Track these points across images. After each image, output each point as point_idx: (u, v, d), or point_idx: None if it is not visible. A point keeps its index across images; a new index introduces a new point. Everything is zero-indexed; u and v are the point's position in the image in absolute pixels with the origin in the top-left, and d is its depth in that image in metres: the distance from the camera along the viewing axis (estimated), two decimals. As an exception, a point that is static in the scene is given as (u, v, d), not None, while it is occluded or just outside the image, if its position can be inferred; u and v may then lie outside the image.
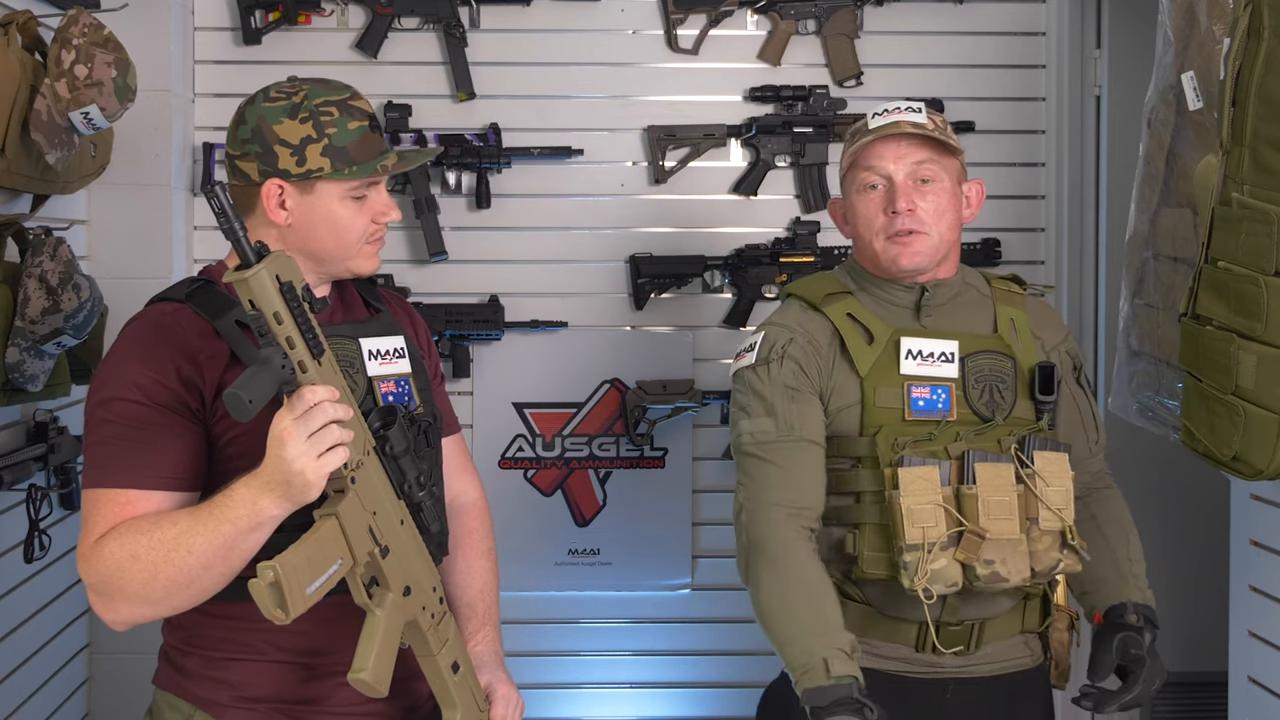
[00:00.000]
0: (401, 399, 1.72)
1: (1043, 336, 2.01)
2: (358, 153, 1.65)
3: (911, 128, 1.91)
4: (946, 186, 1.93)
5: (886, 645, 1.92)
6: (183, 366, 1.58)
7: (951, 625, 1.90)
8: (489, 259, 3.19)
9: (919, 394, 1.89)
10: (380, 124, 1.72)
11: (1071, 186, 3.21)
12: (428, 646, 1.62)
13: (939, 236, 1.92)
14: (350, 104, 1.67)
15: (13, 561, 2.50)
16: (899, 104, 1.95)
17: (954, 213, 1.94)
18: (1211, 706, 2.90)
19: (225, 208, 1.35)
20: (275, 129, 1.63)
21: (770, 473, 1.89)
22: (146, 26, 2.88)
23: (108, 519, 1.53)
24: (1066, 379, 2.02)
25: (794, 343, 1.94)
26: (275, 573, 1.38)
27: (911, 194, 1.90)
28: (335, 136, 1.63)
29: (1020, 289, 2.06)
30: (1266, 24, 1.76)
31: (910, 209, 1.90)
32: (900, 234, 1.90)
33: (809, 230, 3.17)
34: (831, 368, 1.93)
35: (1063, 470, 1.87)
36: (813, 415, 1.92)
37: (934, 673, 1.93)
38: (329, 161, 1.63)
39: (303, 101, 1.64)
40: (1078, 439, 2.02)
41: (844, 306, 1.96)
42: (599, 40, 3.20)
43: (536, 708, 3.19)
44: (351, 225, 1.67)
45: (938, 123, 1.94)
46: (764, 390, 1.93)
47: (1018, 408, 1.92)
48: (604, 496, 3.23)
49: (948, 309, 1.97)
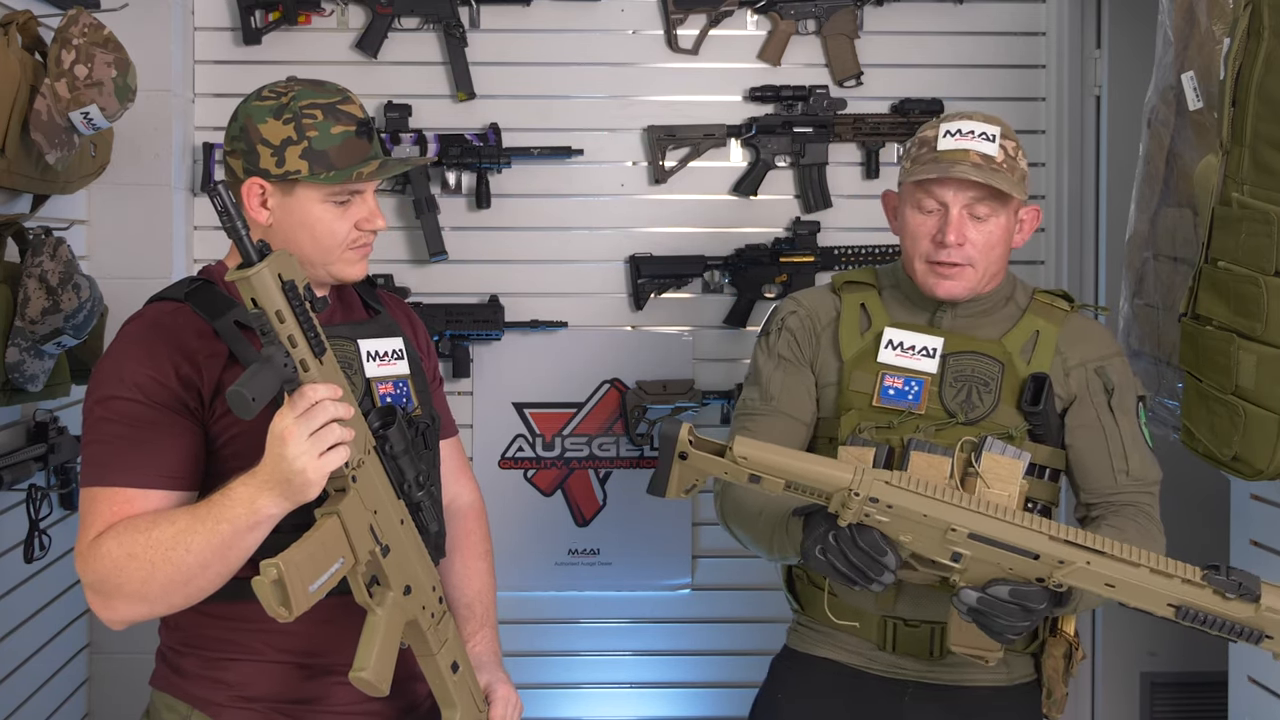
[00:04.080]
0: (399, 400, 1.72)
1: (1068, 353, 1.94)
2: (338, 157, 1.64)
3: (979, 159, 1.85)
4: (1002, 222, 1.89)
5: (850, 638, 1.95)
6: (181, 365, 1.58)
7: (910, 625, 1.90)
8: (489, 259, 3.19)
9: (891, 383, 1.90)
10: (373, 130, 1.70)
11: (1071, 186, 3.22)
12: (427, 646, 1.62)
13: (984, 270, 1.90)
14: (339, 108, 1.66)
15: (13, 561, 2.50)
16: (973, 125, 1.87)
17: (1005, 245, 1.91)
18: (1211, 706, 2.90)
19: (228, 206, 1.35)
20: (260, 128, 1.63)
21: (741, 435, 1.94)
22: (146, 26, 2.88)
23: (105, 517, 1.53)
24: (1089, 399, 1.92)
25: (794, 315, 2.02)
26: (279, 570, 1.38)
27: (964, 228, 1.87)
28: (316, 140, 1.63)
29: (1066, 305, 1.98)
30: (1266, 24, 1.76)
31: (960, 243, 1.87)
32: (944, 265, 1.89)
33: (809, 230, 3.17)
34: (818, 345, 1.98)
35: (1012, 476, 1.79)
36: (798, 388, 1.98)
37: (894, 673, 1.94)
38: (307, 164, 1.63)
39: (289, 103, 1.64)
40: (1098, 465, 1.92)
41: (860, 296, 2.00)
42: (599, 40, 3.20)
43: (536, 708, 3.20)
44: (331, 230, 1.66)
45: (1010, 151, 1.87)
46: (760, 361, 2.03)
47: (999, 413, 1.88)
48: (604, 496, 3.23)
49: (970, 318, 1.95)
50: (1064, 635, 1.94)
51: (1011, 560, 1.63)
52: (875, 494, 1.61)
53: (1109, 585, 1.60)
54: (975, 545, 1.63)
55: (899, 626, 1.92)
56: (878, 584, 1.67)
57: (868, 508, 1.62)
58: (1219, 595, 1.57)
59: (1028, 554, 1.62)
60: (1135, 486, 1.91)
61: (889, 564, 1.64)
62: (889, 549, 1.64)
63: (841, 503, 1.63)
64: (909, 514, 1.62)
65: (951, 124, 1.89)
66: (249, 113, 1.65)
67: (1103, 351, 1.96)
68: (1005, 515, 1.63)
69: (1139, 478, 1.92)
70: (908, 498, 1.62)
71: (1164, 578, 1.58)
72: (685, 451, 1.66)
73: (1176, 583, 1.58)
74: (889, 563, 1.64)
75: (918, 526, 1.63)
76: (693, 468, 1.67)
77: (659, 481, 1.70)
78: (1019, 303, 1.98)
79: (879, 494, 1.62)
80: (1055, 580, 1.62)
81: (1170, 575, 1.58)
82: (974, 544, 1.63)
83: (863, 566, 1.65)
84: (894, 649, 1.93)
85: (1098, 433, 1.92)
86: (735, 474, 1.65)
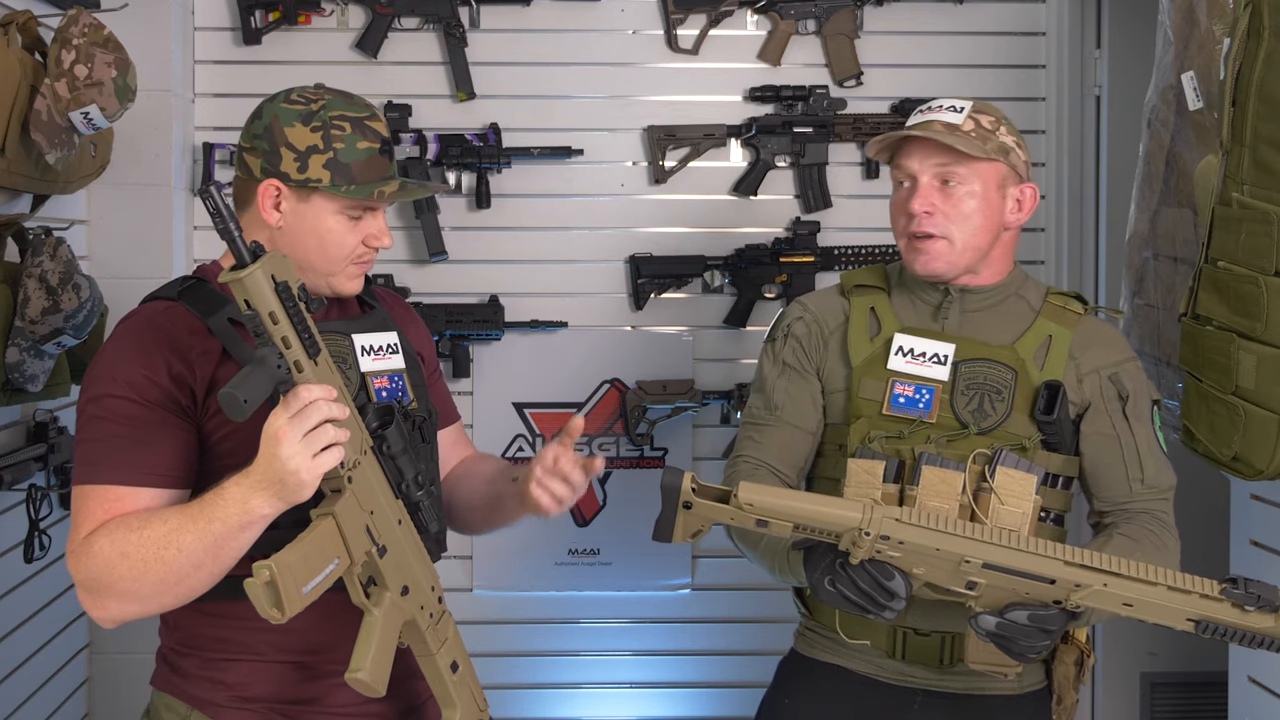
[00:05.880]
0: (395, 395, 1.72)
1: (1081, 358, 1.89)
2: (360, 173, 1.65)
3: (942, 127, 1.84)
4: (975, 190, 1.85)
5: (859, 645, 1.92)
6: (174, 363, 1.58)
7: (921, 635, 1.88)
8: (489, 259, 3.19)
9: (901, 391, 1.85)
10: (393, 150, 1.71)
11: (1071, 186, 3.21)
12: (426, 646, 1.62)
13: (961, 242, 1.85)
14: (366, 123, 1.67)
15: (13, 561, 2.50)
16: (944, 101, 1.89)
17: (983, 216, 1.86)
18: (1211, 706, 2.91)
19: (220, 208, 1.35)
20: (286, 131, 1.63)
21: (747, 445, 1.97)
22: (146, 26, 2.88)
23: (97, 515, 1.53)
24: (1103, 406, 1.88)
25: (800, 321, 1.98)
26: (271, 572, 1.38)
27: (932, 196, 1.85)
28: (342, 152, 1.64)
29: (1079, 308, 1.93)
30: (1266, 24, 1.76)
31: (928, 211, 1.85)
32: (916, 236, 1.87)
33: (809, 230, 3.17)
34: (826, 351, 1.95)
35: (1025, 492, 1.77)
36: (803, 396, 1.94)
37: (903, 680, 1.91)
38: (329, 175, 1.63)
39: (319, 111, 1.64)
40: (1112, 474, 1.87)
41: (870, 300, 1.95)
42: (599, 40, 3.20)
43: (536, 708, 3.21)
44: (341, 242, 1.67)
45: (984, 124, 1.86)
46: (765, 368, 2.00)
47: (1012, 422, 1.83)
48: (604, 496, 3.23)
49: (979, 316, 1.91)
50: (1075, 642, 1.92)
51: (1028, 586, 1.61)
52: (886, 531, 1.59)
53: (1126, 605, 1.59)
54: (990, 574, 1.61)
55: (909, 635, 1.88)
56: (890, 611, 1.65)
57: (879, 545, 1.60)
58: (1237, 608, 1.56)
59: (1044, 580, 1.60)
60: (1149, 494, 1.87)
61: (898, 589, 1.62)
62: (897, 574, 1.62)
63: (852, 541, 1.60)
64: (921, 549, 1.60)
65: (925, 104, 1.91)
66: (276, 113, 1.65)
67: (1117, 357, 1.91)
68: (1019, 543, 1.60)
69: (1153, 485, 1.87)
70: (919, 534, 1.60)
71: (1181, 594, 1.57)
72: (689, 501, 1.64)
73: (1194, 598, 1.56)
74: (898, 588, 1.62)
75: (931, 559, 1.61)
76: (697, 515, 1.65)
77: (663, 531, 1.67)
78: (1031, 302, 1.93)
79: (890, 531, 1.59)
80: (1073, 603, 1.60)
81: (1188, 591, 1.56)
82: (989, 573, 1.61)
83: (874, 594, 1.63)
84: (904, 657, 1.90)
85: (1112, 441, 1.87)
86: (742, 519, 1.62)
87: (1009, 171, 1.88)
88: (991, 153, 1.84)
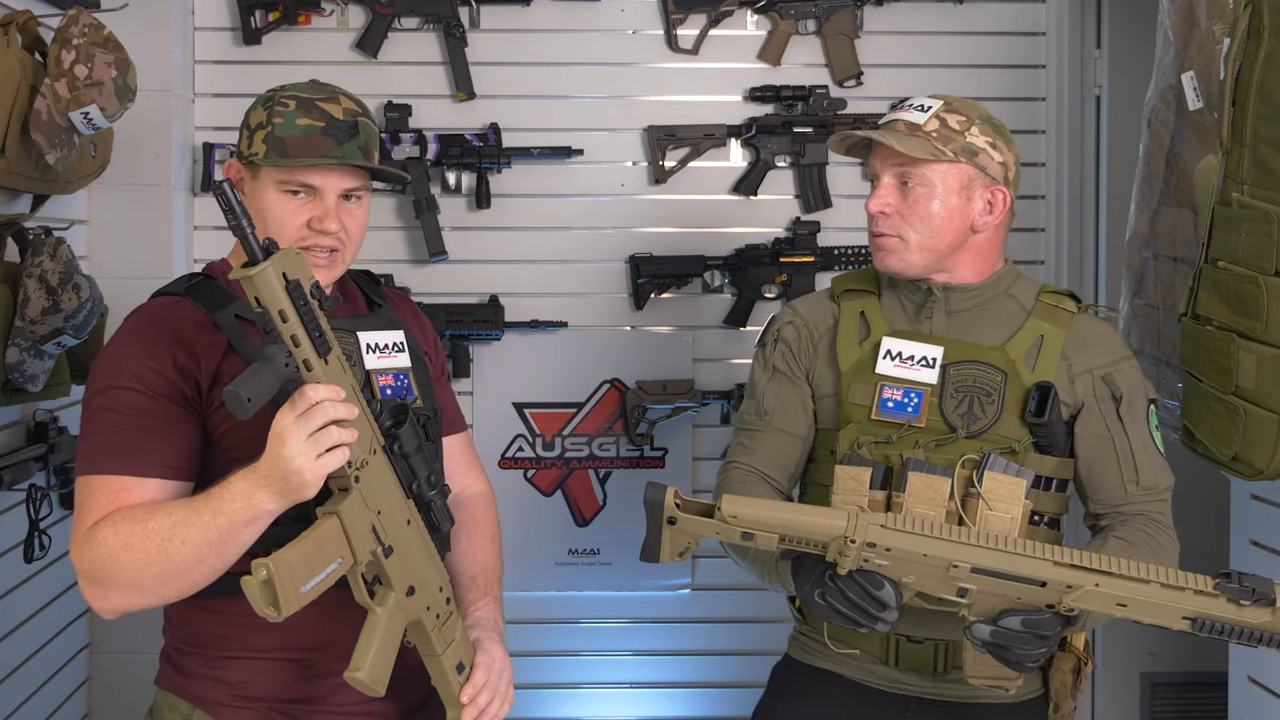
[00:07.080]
0: (400, 392, 1.72)
1: (1074, 358, 1.86)
2: (295, 148, 1.65)
3: (904, 127, 1.84)
4: (934, 190, 1.83)
5: (853, 651, 1.91)
6: (179, 356, 1.59)
7: (914, 642, 1.87)
8: (489, 259, 3.19)
9: (889, 395, 1.84)
10: (348, 134, 1.67)
11: (1071, 186, 3.22)
12: (432, 647, 1.61)
13: (916, 242, 1.84)
14: (316, 104, 1.67)
15: (13, 561, 2.50)
16: (914, 100, 1.88)
17: (944, 217, 1.83)
18: (1211, 706, 2.91)
19: (233, 204, 1.35)
20: (249, 115, 1.70)
21: (738, 451, 1.98)
22: (146, 26, 2.88)
23: (102, 506, 1.53)
24: (1096, 408, 1.85)
25: (790, 325, 1.98)
26: (268, 571, 1.38)
27: (890, 196, 1.86)
28: (279, 126, 1.65)
29: (1073, 307, 1.91)
30: (1266, 24, 1.76)
31: (883, 211, 1.86)
32: (875, 235, 1.88)
33: (809, 230, 3.17)
34: (815, 356, 1.94)
35: (1014, 497, 1.74)
36: (793, 401, 1.94)
37: (897, 688, 1.91)
38: (264, 148, 1.65)
39: (276, 93, 1.69)
40: (1107, 476, 1.85)
41: (859, 304, 1.94)
42: (599, 40, 3.20)
43: (536, 708, 3.20)
44: (282, 219, 1.66)
45: (951, 124, 1.83)
46: (756, 373, 2.00)
47: (1002, 425, 1.81)
48: (604, 496, 3.23)
49: (966, 316, 1.89)
50: (1073, 650, 1.91)
51: (1019, 590, 1.59)
52: (872, 538, 1.58)
53: (1120, 605, 1.57)
54: (979, 579, 1.60)
55: (903, 642, 1.88)
56: (882, 623, 1.64)
57: (866, 553, 1.59)
58: (1233, 603, 1.53)
59: (1034, 582, 1.59)
60: (1145, 496, 1.85)
61: (888, 599, 1.61)
62: (887, 583, 1.61)
63: (839, 551, 1.60)
64: (908, 555, 1.59)
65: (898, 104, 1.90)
66: (253, 103, 1.71)
67: (1111, 357, 1.88)
68: (1007, 545, 1.59)
69: (1149, 487, 1.85)
70: (905, 539, 1.59)
71: (1175, 591, 1.54)
72: (673, 516, 1.63)
73: (1189, 595, 1.54)
74: (888, 598, 1.61)
75: (919, 566, 1.60)
76: (683, 531, 1.64)
77: (650, 550, 1.66)
78: (1022, 301, 1.90)
79: (875, 538, 1.59)
80: (1066, 605, 1.58)
81: (1182, 588, 1.54)
82: (978, 578, 1.60)
83: (865, 605, 1.62)
84: (897, 664, 1.89)
85: (1106, 444, 1.85)
86: (727, 533, 1.62)
87: (976, 173, 1.84)
88: (954, 153, 1.82)
